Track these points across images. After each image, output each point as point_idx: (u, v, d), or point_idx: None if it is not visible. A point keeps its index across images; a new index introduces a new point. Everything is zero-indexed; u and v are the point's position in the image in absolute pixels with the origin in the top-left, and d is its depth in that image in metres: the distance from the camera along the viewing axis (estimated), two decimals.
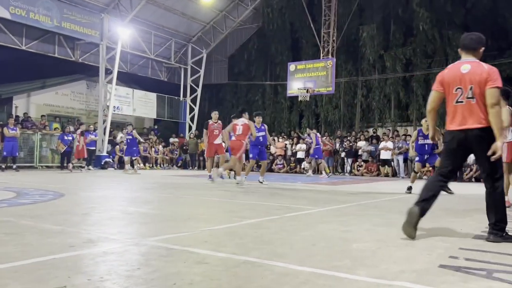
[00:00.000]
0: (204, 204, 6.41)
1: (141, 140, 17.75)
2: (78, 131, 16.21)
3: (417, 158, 8.93)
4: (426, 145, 8.76)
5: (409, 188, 8.68)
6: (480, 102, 3.51)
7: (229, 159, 11.20)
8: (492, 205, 3.60)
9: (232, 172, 12.09)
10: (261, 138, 10.93)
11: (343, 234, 3.78)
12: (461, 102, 3.57)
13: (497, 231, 3.56)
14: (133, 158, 16.05)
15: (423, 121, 9.11)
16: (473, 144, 3.58)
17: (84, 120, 22.08)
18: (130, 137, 15.66)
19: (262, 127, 11.09)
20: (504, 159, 5.56)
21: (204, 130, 11.60)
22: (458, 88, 3.58)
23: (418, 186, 4.53)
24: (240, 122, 10.27)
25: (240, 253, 2.91)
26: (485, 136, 3.49)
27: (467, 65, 3.63)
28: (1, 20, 16.31)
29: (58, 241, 3.22)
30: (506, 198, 4.73)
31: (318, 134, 16.18)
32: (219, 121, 11.73)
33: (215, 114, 11.88)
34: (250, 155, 11.00)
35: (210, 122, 11.61)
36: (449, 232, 4.04)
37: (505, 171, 5.83)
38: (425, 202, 3.74)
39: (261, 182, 10.52)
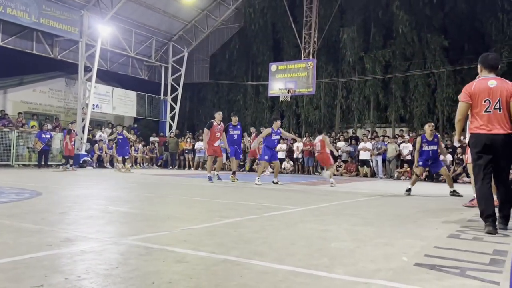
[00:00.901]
0: (185, 203, 6.39)
1: (132, 138, 17.69)
2: (70, 130, 15.92)
3: (420, 163, 8.64)
4: (431, 151, 8.62)
5: (408, 190, 8.54)
6: (505, 112, 4.19)
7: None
8: (507, 201, 4.28)
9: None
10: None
11: (322, 233, 3.82)
12: (489, 111, 4.20)
13: (506, 222, 4.28)
14: (126, 157, 15.92)
15: (426, 126, 8.78)
16: (498, 147, 4.19)
17: (62, 118, 21.76)
18: (121, 137, 15.52)
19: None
20: None
21: (206, 130, 10.98)
22: (487, 99, 4.22)
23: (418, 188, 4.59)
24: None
25: (219, 252, 2.93)
26: (509, 140, 4.18)
27: (494, 81, 4.27)
28: None
29: (35, 240, 3.17)
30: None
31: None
32: (222, 123, 11.27)
33: (219, 115, 11.15)
34: (266, 157, 10.99)
35: (215, 123, 10.99)
36: (426, 231, 4.12)
37: None
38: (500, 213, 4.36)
39: (276, 183, 10.72)
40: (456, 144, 5.10)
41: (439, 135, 9.16)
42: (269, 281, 2.32)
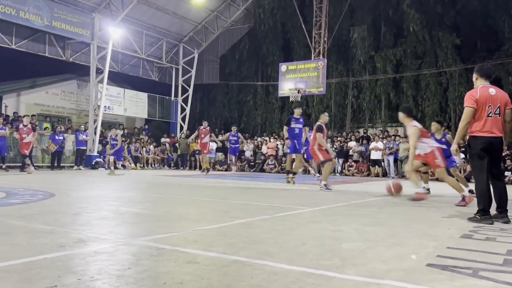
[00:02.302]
0: (196, 204, 6.41)
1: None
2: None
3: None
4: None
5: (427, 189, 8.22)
6: (502, 117, 4.78)
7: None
8: (506, 195, 4.76)
9: None
10: (296, 130, 11.00)
11: (333, 234, 3.81)
12: (491, 116, 4.70)
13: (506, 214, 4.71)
14: (118, 161, 15.96)
15: (433, 124, 8.78)
16: (496, 148, 4.73)
17: (74, 120, 21.97)
18: (116, 142, 15.17)
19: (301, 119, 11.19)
20: (442, 165, 7.09)
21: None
22: (489, 106, 4.71)
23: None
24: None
25: (230, 253, 2.93)
26: (502, 142, 4.79)
27: (493, 89, 4.79)
28: None
29: (48, 241, 3.21)
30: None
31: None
32: (209, 127, 15.51)
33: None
34: (288, 150, 11.11)
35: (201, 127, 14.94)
36: (438, 231, 4.09)
37: (442, 175, 7.14)
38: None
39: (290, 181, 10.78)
40: (455, 147, 5.18)
41: (447, 134, 9.03)
42: (280, 282, 2.32)
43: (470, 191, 8.13)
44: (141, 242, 3.25)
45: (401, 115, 7.41)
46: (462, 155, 14.39)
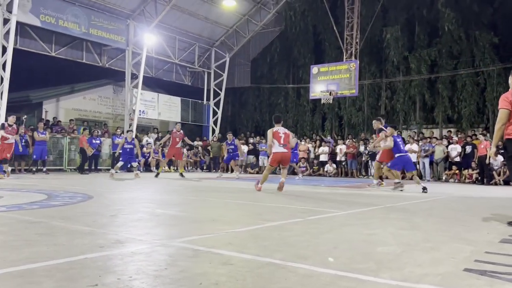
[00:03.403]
0: (228, 206, 6.47)
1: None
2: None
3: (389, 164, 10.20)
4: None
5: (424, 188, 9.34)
6: None
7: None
8: None
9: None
10: None
11: (367, 237, 3.78)
12: None
13: None
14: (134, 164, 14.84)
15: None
16: None
17: (110, 124, 22.58)
18: (131, 146, 14.42)
19: None
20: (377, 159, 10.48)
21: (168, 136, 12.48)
22: None
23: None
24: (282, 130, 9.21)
25: (264, 255, 2.96)
26: None
27: None
28: (32, 27, 16.87)
29: (88, 241, 3.33)
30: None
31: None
32: (182, 131, 14.79)
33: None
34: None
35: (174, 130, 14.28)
36: (476, 235, 3.98)
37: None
38: None
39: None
40: (494, 150, 5.29)
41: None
42: (314, 284, 2.33)
43: (424, 188, 9.35)
44: (177, 243, 3.32)
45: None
46: (501, 158, 13.94)
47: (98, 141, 17.35)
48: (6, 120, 13.58)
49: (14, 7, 14.66)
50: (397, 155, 9.91)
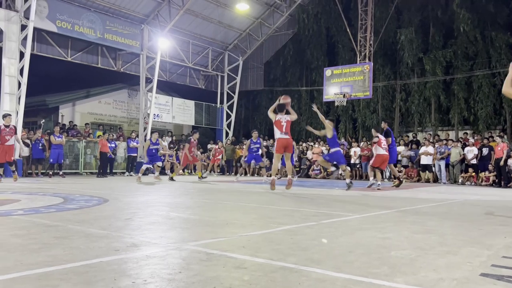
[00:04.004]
0: (242, 209, 6.48)
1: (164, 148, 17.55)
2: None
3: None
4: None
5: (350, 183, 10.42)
6: None
7: None
8: None
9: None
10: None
11: (381, 241, 3.75)
12: None
13: None
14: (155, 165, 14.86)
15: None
16: None
17: (125, 127, 22.81)
18: (156, 146, 14.21)
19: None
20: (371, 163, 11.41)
21: None
22: None
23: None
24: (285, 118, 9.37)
25: (277, 259, 2.96)
26: None
27: None
28: (49, 33, 17.17)
29: (103, 245, 3.37)
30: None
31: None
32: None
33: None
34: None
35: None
36: (493, 240, 3.92)
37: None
38: None
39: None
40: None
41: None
42: None
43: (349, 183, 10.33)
44: (191, 247, 3.34)
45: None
46: None
47: (113, 145, 17.54)
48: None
49: (32, 13, 14.94)
50: (333, 149, 11.09)
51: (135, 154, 18.58)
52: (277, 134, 9.26)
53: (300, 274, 2.61)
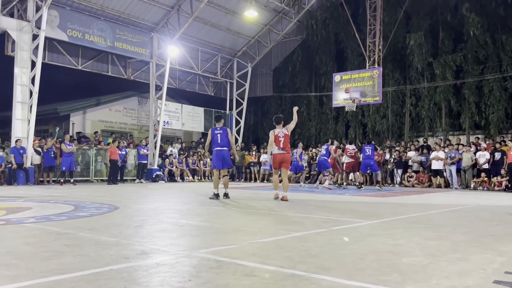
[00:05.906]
0: (252, 216, 6.47)
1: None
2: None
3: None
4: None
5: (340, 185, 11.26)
6: None
7: None
8: None
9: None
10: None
11: (392, 248, 3.72)
12: None
13: None
14: None
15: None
16: None
17: (135, 135, 22.95)
18: None
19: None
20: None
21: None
22: None
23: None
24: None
25: (287, 266, 2.95)
26: None
27: None
28: (60, 42, 17.37)
29: (113, 252, 3.38)
30: None
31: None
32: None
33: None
34: None
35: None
36: (506, 246, 3.87)
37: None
38: None
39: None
40: None
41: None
42: None
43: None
44: (201, 254, 3.34)
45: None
46: None
47: (123, 152, 17.64)
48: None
49: (43, 23, 15.14)
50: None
51: (145, 161, 18.67)
52: (274, 149, 9.21)
53: (310, 282, 2.59)
